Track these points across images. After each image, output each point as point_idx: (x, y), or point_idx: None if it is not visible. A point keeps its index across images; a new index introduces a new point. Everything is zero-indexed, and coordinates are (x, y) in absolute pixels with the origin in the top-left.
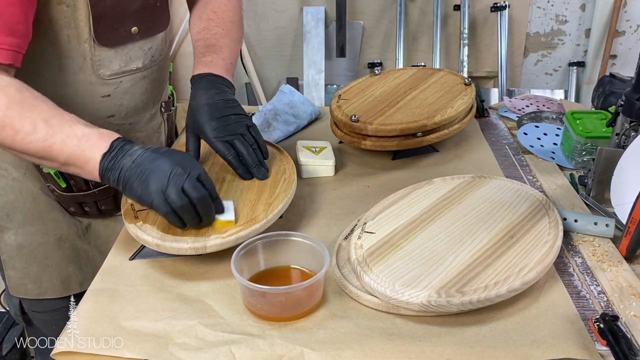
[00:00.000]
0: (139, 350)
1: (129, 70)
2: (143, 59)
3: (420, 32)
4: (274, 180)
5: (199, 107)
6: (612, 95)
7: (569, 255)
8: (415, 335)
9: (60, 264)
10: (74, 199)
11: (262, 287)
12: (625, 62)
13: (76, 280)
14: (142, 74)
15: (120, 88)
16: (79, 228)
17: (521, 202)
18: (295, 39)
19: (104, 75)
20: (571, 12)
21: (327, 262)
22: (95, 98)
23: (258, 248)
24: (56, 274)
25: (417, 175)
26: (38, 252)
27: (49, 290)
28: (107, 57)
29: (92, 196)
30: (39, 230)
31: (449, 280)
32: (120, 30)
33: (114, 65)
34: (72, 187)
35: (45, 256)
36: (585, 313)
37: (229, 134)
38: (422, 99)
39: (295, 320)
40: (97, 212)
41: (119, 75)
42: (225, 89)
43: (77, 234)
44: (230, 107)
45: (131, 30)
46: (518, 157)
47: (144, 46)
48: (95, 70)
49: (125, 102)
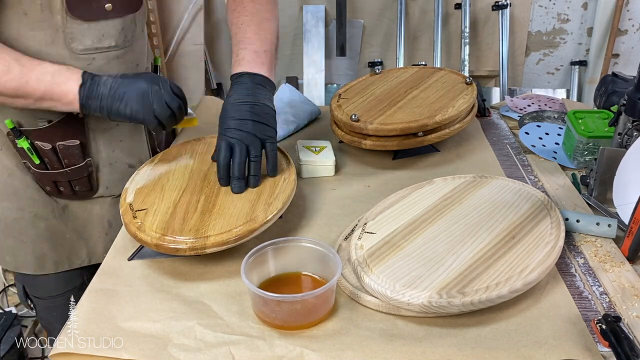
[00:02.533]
0: (137, 351)
1: (102, 47)
2: (116, 38)
3: (421, 30)
4: (274, 181)
5: (225, 107)
6: (615, 95)
7: (571, 256)
8: (416, 336)
9: (35, 242)
10: (48, 177)
11: (278, 296)
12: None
13: (51, 259)
14: (115, 53)
15: (92, 65)
16: (55, 208)
17: (523, 202)
18: (295, 37)
19: (76, 49)
20: (573, 11)
21: (340, 268)
22: None
23: (268, 254)
24: (30, 251)
25: (417, 175)
26: (13, 227)
27: (24, 266)
28: (79, 31)
29: (65, 175)
30: (14, 206)
31: (450, 281)
32: (93, 4)
33: (87, 40)
34: (47, 165)
35: (21, 232)
36: (588, 314)
37: (236, 138)
38: (423, 98)
39: (309, 328)
40: (71, 193)
41: (91, 52)
42: (259, 90)
43: (53, 213)
44: (255, 112)
45: (105, 6)
46: (520, 157)
47: (117, 25)
48: (68, 44)
49: None
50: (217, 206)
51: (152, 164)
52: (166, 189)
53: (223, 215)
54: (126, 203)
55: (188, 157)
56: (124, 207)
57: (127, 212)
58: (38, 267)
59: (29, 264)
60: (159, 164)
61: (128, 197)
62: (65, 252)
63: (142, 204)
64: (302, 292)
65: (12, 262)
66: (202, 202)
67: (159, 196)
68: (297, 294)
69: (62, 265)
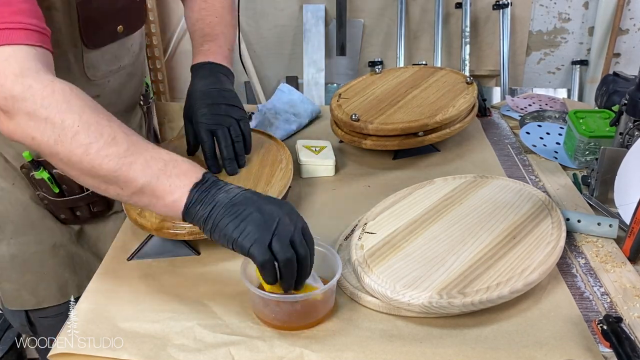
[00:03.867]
0: (136, 352)
1: (116, 68)
2: (128, 56)
3: (422, 30)
4: (271, 170)
5: (194, 93)
6: (616, 94)
7: (572, 256)
8: (417, 337)
9: (57, 271)
10: (65, 204)
11: (278, 296)
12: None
13: (73, 284)
14: (126, 71)
15: (108, 88)
16: (71, 234)
17: (524, 203)
18: (295, 37)
19: (92, 76)
20: (574, 10)
21: (340, 268)
22: None
23: None
24: (53, 282)
25: (418, 175)
26: (33, 261)
27: (47, 299)
28: (95, 58)
29: (86, 199)
30: (32, 239)
31: (451, 282)
32: (105, 30)
33: (102, 65)
34: (64, 192)
35: (41, 265)
36: (589, 314)
37: (215, 123)
38: (424, 98)
39: (309, 328)
40: (89, 215)
41: (106, 75)
42: (223, 78)
43: (71, 239)
44: (224, 96)
45: (117, 28)
46: (520, 157)
47: (127, 43)
48: (85, 72)
49: (113, 100)
50: None
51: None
52: None
53: None
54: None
55: (185, 150)
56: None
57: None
58: (61, 297)
59: (52, 296)
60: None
61: None
62: (84, 274)
63: None
64: (302, 293)
65: (31, 299)
66: None
67: None
68: (297, 294)
69: (84, 286)
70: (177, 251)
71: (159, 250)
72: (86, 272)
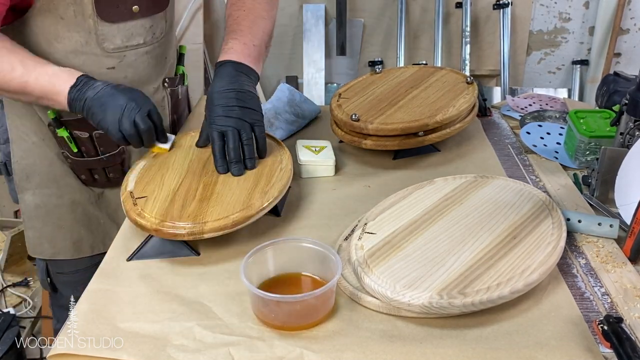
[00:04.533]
0: (136, 352)
1: (132, 45)
2: (144, 36)
3: (422, 30)
4: (271, 170)
5: (211, 94)
6: (616, 94)
7: (572, 256)
8: (417, 337)
9: (73, 227)
10: (85, 165)
11: (278, 297)
12: (629, 61)
13: (87, 243)
14: (144, 49)
15: (124, 62)
16: (91, 195)
17: (524, 203)
18: (294, 37)
19: (107, 48)
20: (575, 10)
21: (340, 269)
22: (101, 69)
23: (268, 254)
24: (69, 236)
25: (418, 175)
26: (53, 214)
27: (62, 251)
28: (110, 32)
29: (101, 162)
30: (54, 193)
31: (451, 282)
32: (121, 7)
33: (117, 40)
34: (83, 153)
35: (59, 218)
36: (589, 315)
37: (226, 125)
38: (424, 98)
39: (309, 329)
40: (106, 180)
41: (122, 50)
42: (243, 78)
43: (90, 200)
44: (240, 99)
45: (132, 8)
46: (521, 157)
47: (146, 24)
48: (100, 44)
49: (129, 74)
50: (214, 194)
51: (153, 155)
52: (166, 178)
53: (220, 203)
54: (127, 191)
55: (187, 147)
56: (124, 194)
57: (128, 200)
58: (75, 252)
59: (66, 249)
60: (159, 155)
61: (129, 185)
62: (100, 236)
63: (143, 192)
64: (302, 293)
65: (49, 249)
66: (200, 191)
67: (159, 185)
68: (297, 295)
69: (98, 247)
70: (176, 251)
71: (159, 250)
72: (101, 234)
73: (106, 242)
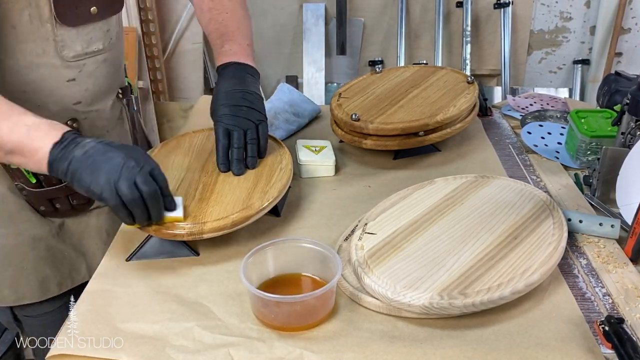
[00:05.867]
0: (136, 353)
1: (91, 52)
2: (103, 40)
3: (422, 29)
4: (271, 170)
5: (218, 94)
6: (618, 94)
7: (573, 257)
8: (417, 338)
9: (37, 266)
10: (44, 196)
11: (277, 297)
12: (630, 60)
13: (54, 281)
14: (103, 56)
15: (84, 71)
16: (52, 227)
17: (525, 203)
18: (294, 36)
19: (67, 57)
20: (576, 9)
21: (340, 269)
22: (60, 82)
23: (268, 255)
24: (33, 277)
25: (418, 175)
26: (13, 255)
27: (27, 295)
28: (69, 37)
29: (64, 190)
30: (11, 231)
31: (452, 282)
32: (80, 9)
33: (77, 45)
34: (42, 183)
35: (21, 258)
36: (590, 315)
37: (233, 124)
38: (424, 98)
39: (309, 329)
40: (69, 208)
41: (81, 57)
42: (248, 78)
43: (51, 233)
44: (247, 99)
45: (90, 9)
46: (522, 157)
47: (103, 27)
48: (59, 52)
49: (90, 86)
50: (214, 194)
51: (152, 155)
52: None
53: (220, 203)
54: None
55: (187, 147)
56: None
57: None
58: (42, 293)
59: (32, 292)
60: (158, 154)
61: None
62: (66, 271)
63: None
64: (302, 293)
65: (12, 295)
66: (200, 191)
67: None
68: (297, 295)
69: (65, 284)
70: (176, 252)
71: (158, 250)
72: (67, 268)
73: (74, 277)
